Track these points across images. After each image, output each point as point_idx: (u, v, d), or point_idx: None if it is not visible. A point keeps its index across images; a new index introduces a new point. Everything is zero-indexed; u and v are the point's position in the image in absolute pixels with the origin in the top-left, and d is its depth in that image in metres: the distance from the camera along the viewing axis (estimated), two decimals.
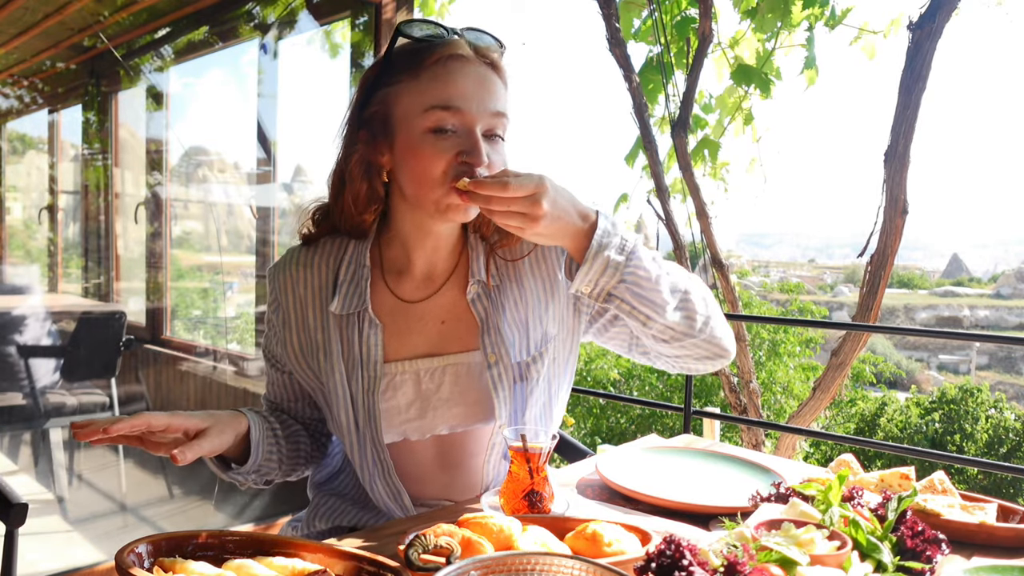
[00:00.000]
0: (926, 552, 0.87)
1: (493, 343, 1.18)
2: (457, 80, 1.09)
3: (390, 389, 1.17)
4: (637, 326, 1.09)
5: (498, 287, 1.22)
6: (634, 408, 13.80)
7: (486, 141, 1.10)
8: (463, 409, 1.19)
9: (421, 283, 1.22)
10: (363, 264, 1.20)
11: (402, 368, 1.18)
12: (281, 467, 1.20)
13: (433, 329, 1.21)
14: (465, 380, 1.19)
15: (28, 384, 3.42)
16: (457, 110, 1.08)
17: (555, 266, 1.23)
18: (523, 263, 1.24)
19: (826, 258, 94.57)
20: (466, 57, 1.11)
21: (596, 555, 0.85)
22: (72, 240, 4.72)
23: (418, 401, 1.18)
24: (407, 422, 1.18)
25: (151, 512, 3.51)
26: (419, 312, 1.21)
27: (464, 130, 1.09)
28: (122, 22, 3.99)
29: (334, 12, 3.57)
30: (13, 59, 4.11)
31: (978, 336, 3.09)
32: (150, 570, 0.76)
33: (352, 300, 1.18)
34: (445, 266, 1.23)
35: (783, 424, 4.96)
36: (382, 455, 1.17)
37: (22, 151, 4.83)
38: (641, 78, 4.74)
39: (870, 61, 4.54)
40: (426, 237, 1.19)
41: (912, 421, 15.71)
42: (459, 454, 1.23)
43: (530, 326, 1.21)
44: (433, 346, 1.20)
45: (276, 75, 3.83)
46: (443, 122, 1.08)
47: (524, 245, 1.24)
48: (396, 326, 1.20)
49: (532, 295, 1.22)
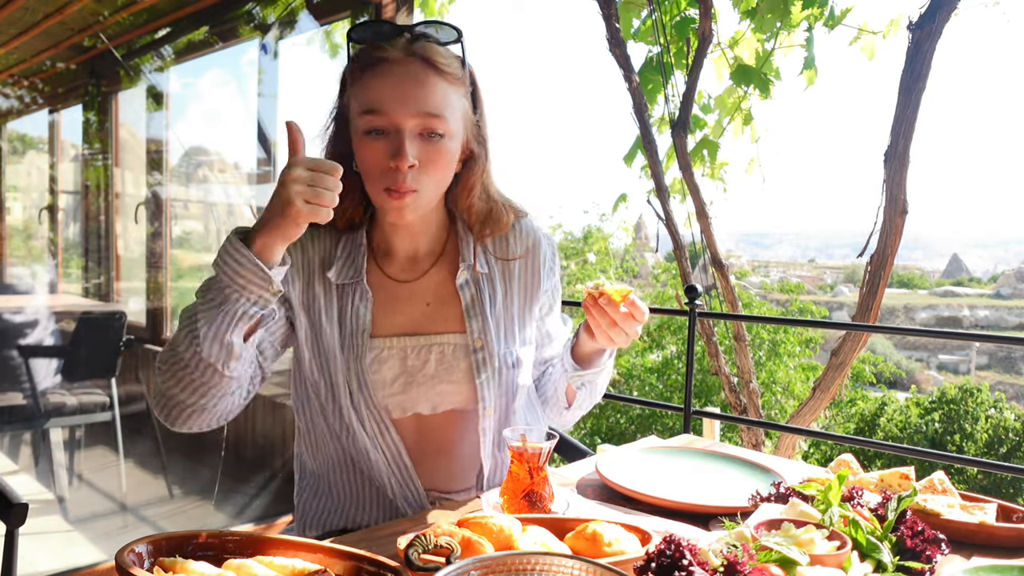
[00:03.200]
0: (926, 552, 0.87)
1: (479, 329, 1.24)
2: (383, 84, 1.13)
3: (376, 362, 1.21)
4: (584, 394, 1.35)
5: (487, 276, 1.28)
6: (634, 408, 13.80)
7: (421, 140, 1.13)
8: (447, 387, 1.22)
9: (406, 265, 1.27)
10: (359, 242, 1.25)
11: (389, 343, 1.22)
12: (246, 362, 1.12)
13: (419, 309, 1.25)
14: (450, 360, 1.23)
15: (28, 384, 3.42)
16: (382, 113, 1.12)
17: (540, 279, 1.33)
18: (514, 265, 1.31)
19: (826, 258, 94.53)
20: (394, 59, 1.13)
21: (596, 555, 0.85)
22: (72, 240, 4.72)
23: (403, 376, 1.21)
24: (391, 396, 1.21)
25: (151, 512, 3.51)
26: (406, 292, 1.25)
27: (393, 131, 1.12)
28: (122, 22, 3.99)
29: (334, 12, 3.57)
30: (13, 59, 4.11)
31: (978, 336, 3.10)
32: (150, 570, 0.76)
33: (348, 271, 1.23)
34: (428, 250, 1.28)
35: (783, 424, 4.96)
36: (380, 416, 1.20)
37: (22, 151, 4.83)
38: (641, 78, 4.74)
39: (870, 61, 4.54)
40: (396, 224, 1.24)
41: (912, 421, 15.72)
42: (437, 439, 1.25)
43: (515, 322, 1.29)
44: (418, 325, 1.24)
45: (276, 75, 3.83)
46: (372, 124, 1.13)
47: (515, 247, 1.32)
48: (384, 303, 1.24)
49: (518, 295, 1.30)
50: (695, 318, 2.49)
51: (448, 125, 1.14)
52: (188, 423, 1.12)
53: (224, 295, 1.02)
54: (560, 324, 1.44)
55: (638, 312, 1.16)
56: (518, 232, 1.33)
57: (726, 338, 5.56)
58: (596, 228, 17.48)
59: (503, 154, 1.29)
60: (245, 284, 1.02)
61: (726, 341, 5.66)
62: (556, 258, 1.38)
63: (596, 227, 17.48)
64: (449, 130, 1.14)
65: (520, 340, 1.29)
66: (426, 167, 1.13)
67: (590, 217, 18.76)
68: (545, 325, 1.39)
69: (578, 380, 1.32)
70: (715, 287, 4.99)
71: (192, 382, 1.07)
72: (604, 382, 1.38)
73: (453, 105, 1.15)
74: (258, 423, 3.71)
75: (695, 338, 2.54)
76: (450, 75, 1.15)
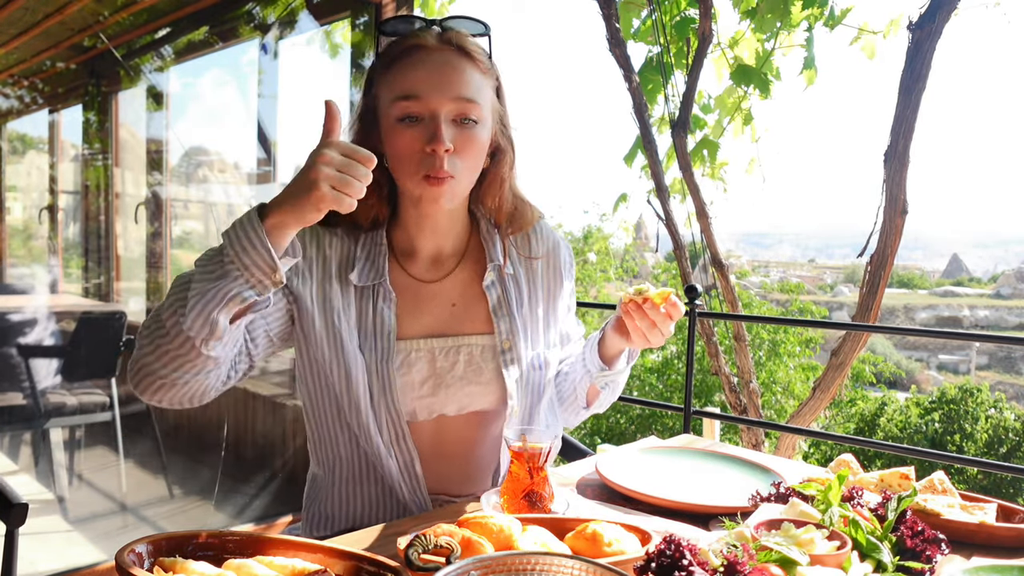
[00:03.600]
0: (926, 552, 0.87)
1: (506, 330, 1.23)
2: (418, 70, 1.13)
3: (405, 365, 1.19)
4: (607, 394, 1.36)
5: (512, 277, 1.28)
6: (634, 408, 13.79)
7: (455, 126, 1.13)
8: (475, 388, 1.22)
9: (430, 265, 1.26)
10: (379, 243, 1.23)
11: (417, 345, 1.20)
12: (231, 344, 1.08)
13: (445, 310, 1.24)
14: (479, 361, 1.22)
15: (28, 384, 3.41)
16: (418, 98, 1.11)
17: (562, 280, 1.34)
18: (537, 264, 1.31)
19: (826, 258, 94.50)
20: (429, 47, 1.13)
21: (596, 555, 0.85)
22: (72, 240, 4.71)
23: (432, 378, 1.20)
24: (419, 399, 1.20)
25: (151, 512, 3.51)
26: (431, 292, 1.24)
27: (428, 117, 1.12)
28: (122, 22, 3.99)
29: (334, 12, 3.57)
30: (13, 59, 4.11)
31: (978, 336, 3.09)
32: (150, 570, 0.76)
33: (369, 273, 1.21)
34: (452, 249, 1.27)
35: (783, 424, 4.95)
36: (399, 422, 1.18)
37: (22, 151, 4.83)
38: (641, 78, 4.74)
39: (869, 61, 4.54)
40: (424, 220, 1.23)
41: (912, 421, 15.71)
42: (457, 442, 1.24)
43: (540, 322, 1.29)
44: (446, 326, 1.23)
45: (276, 75, 3.84)
46: (407, 111, 1.12)
47: (537, 247, 1.32)
48: (408, 303, 1.22)
49: (543, 296, 1.31)
50: (695, 318, 2.49)
51: (481, 112, 1.14)
52: (157, 395, 1.08)
53: (224, 270, 0.97)
54: (575, 324, 1.45)
55: (676, 311, 1.17)
56: (539, 232, 1.34)
57: (726, 338, 5.56)
58: (596, 228, 17.49)
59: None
60: (249, 264, 0.97)
61: (726, 341, 5.66)
62: (573, 260, 1.40)
63: (596, 227, 17.49)
64: (482, 116, 1.15)
65: (545, 341, 1.30)
66: (460, 153, 1.13)
67: (590, 217, 18.78)
68: (564, 326, 1.40)
69: (603, 380, 1.32)
70: (715, 287, 4.99)
71: (167, 352, 1.03)
72: (623, 381, 1.38)
73: (484, 94, 1.16)
74: (258, 423, 3.71)
75: (695, 338, 2.55)
76: (481, 63, 1.16)
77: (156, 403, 1.10)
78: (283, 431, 3.60)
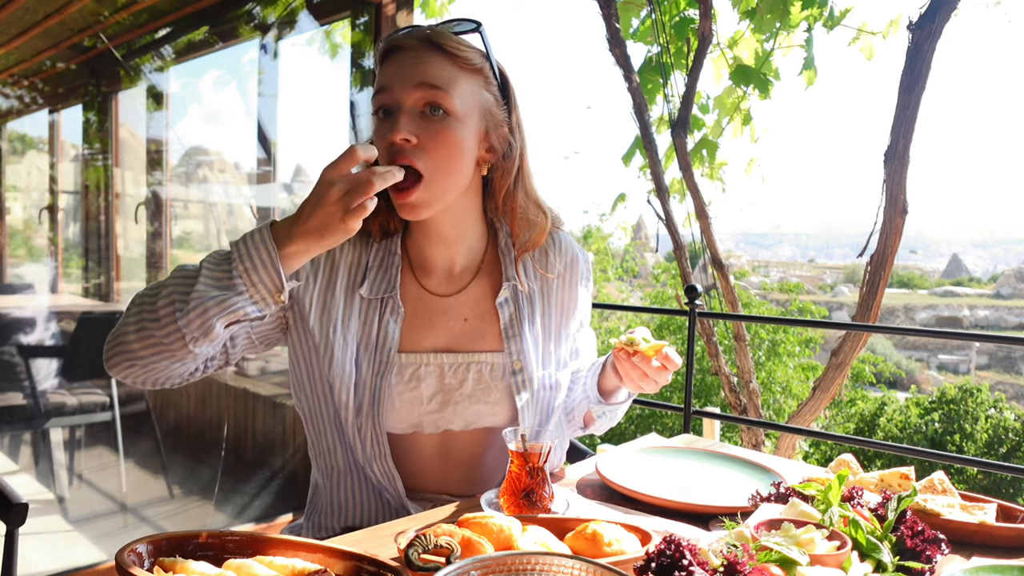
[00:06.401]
0: (926, 552, 0.87)
1: (516, 350, 1.21)
2: (392, 66, 1.13)
3: (413, 379, 1.18)
4: (603, 421, 1.36)
5: (526, 295, 1.25)
6: (634, 408, 13.77)
7: (423, 118, 1.11)
8: (483, 407, 1.20)
9: (444, 279, 1.24)
10: (393, 252, 1.22)
11: (426, 360, 1.19)
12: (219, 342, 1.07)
13: (457, 325, 1.22)
14: (488, 380, 1.20)
15: (28, 384, 3.42)
16: (388, 90, 1.12)
17: (577, 296, 1.32)
18: (552, 282, 1.29)
19: (826, 258, 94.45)
20: (405, 45, 1.14)
21: (596, 555, 0.85)
22: (72, 240, 4.71)
23: (440, 394, 1.19)
24: (426, 414, 1.18)
25: (151, 512, 3.51)
26: (444, 306, 1.23)
27: (396, 108, 1.12)
28: (122, 22, 3.99)
29: (334, 12, 3.57)
30: (13, 59, 4.10)
31: (978, 336, 3.13)
32: (150, 570, 0.76)
33: (381, 285, 1.20)
34: (467, 264, 1.25)
35: (783, 424, 4.95)
36: (380, 439, 1.17)
37: (22, 151, 4.83)
38: (640, 78, 4.74)
39: (869, 61, 4.54)
40: (427, 229, 1.22)
41: (912, 421, 15.70)
42: (463, 452, 1.23)
43: (551, 340, 1.27)
44: (457, 342, 1.22)
45: (276, 75, 3.83)
46: (379, 103, 1.13)
47: (555, 262, 1.30)
48: (419, 317, 1.21)
49: (555, 313, 1.29)
50: (695, 318, 2.49)
51: (453, 104, 1.10)
52: (124, 372, 1.06)
53: (232, 282, 0.98)
54: (588, 337, 1.42)
55: (671, 364, 1.15)
56: (557, 246, 1.31)
57: (726, 338, 5.56)
58: (596, 228, 17.49)
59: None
60: (257, 282, 0.97)
61: (726, 341, 5.66)
62: (591, 272, 1.37)
63: (596, 227, 17.49)
64: (455, 109, 1.10)
65: (556, 362, 1.28)
66: (428, 147, 1.09)
67: (590, 217, 18.80)
68: (576, 341, 1.38)
69: (599, 410, 1.32)
70: (715, 287, 4.99)
71: (151, 337, 1.01)
72: (623, 411, 1.38)
73: (461, 88, 1.12)
74: (258, 423, 3.71)
75: (695, 338, 2.54)
76: (460, 59, 1.13)
77: (120, 379, 1.08)
78: (283, 431, 3.60)
